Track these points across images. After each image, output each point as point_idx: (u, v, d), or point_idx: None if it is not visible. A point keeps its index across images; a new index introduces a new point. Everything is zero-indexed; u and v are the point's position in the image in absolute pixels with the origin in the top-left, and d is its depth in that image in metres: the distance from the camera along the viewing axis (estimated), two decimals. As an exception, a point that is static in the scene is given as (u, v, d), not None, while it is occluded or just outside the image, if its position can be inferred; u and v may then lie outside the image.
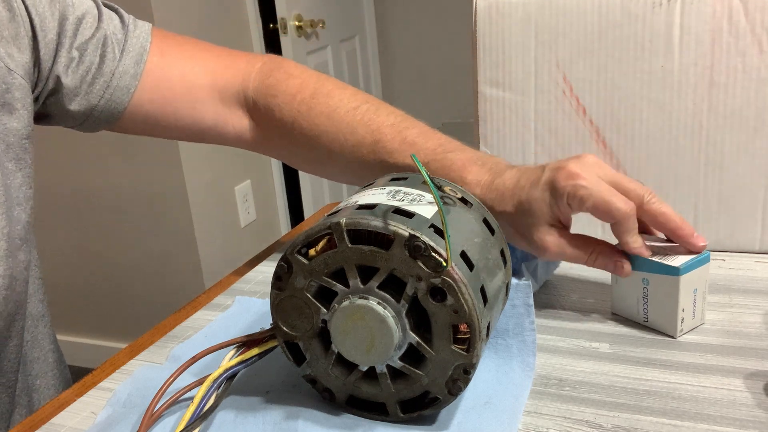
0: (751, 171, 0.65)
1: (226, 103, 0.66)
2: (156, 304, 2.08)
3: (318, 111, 0.63)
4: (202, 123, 0.66)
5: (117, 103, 0.62)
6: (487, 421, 0.44)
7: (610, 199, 0.50)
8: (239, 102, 0.67)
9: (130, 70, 0.62)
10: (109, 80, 0.61)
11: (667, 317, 0.53)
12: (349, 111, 0.63)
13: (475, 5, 0.70)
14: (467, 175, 0.57)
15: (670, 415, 0.44)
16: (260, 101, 0.66)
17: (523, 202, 0.53)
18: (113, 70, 0.61)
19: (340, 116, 0.63)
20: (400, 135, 0.61)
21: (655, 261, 0.53)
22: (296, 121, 0.64)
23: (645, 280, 0.54)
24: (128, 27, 0.63)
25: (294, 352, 0.47)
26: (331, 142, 0.63)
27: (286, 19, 2.13)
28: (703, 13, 0.63)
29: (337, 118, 0.63)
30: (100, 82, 0.61)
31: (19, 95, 0.56)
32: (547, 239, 0.53)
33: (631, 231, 0.52)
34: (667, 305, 0.53)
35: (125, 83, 0.62)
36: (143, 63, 0.63)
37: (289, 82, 0.65)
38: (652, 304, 0.54)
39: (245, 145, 0.69)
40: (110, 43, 0.61)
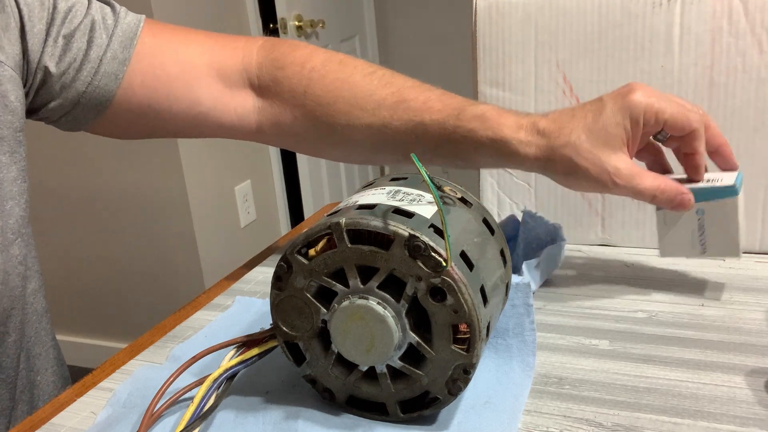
0: (751, 171, 0.65)
1: (227, 83, 0.63)
2: (156, 304, 2.08)
3: (332, 77, 0.60)
4: (200, 105, 0.62)
5: (105, 89, 0.59)
6: (487, 421, 0.44)
7: (685, 109, 0.51)
8: (242, 81, 0.63)
9: (119, 56, 0.59)
10: (96, 66, 0.59)
11: (729, 240, 0.54)
12: (365, 75, 0.60)
13: (475, 5, 0.70)
14: (505, 120, 0.54)
15: (670, 412, 0.44)
16: (266, 75, 0.62)
17: (593, 129, 0.51)
18: (101, 56, 0.59)
19: (356, 80, 0.60)
20: (424, 94, 0.58)
21: (709, 187, 0.54)
22: (309, 88, 0.60)
23: (700, 210, 0.54)
24: (119, 15, 0.61)
25: (294, 352, 0.47)
26: (350, 108, 0.59)
27: (286, 19, 2.13)
28: (703, 13, 0.63)
29: (353, 82, 0.60)
30: (87, 68, 0.58)
31: (11, 87, 0.56)
32: (621, 166, 0.52)
33: (703, 140, 0.53)
34: (728, 228, 0.54)
35: (113, 69, 0.59)
36: (133, 47, 0.60)
37: (296, 53, 0.63)
38: (710, 232, 0.55)
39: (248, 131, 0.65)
40: (98, 29, 0.59)
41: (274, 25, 2.15)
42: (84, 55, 0.59)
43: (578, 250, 0.71)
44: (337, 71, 0.61)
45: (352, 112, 0.60)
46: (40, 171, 1.99)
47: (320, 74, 0.61)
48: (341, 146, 0.63)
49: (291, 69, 0.62)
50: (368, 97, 0.59)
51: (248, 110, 0.64)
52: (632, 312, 0.57)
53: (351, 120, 0.60)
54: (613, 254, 0.69)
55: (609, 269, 0.66)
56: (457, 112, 0.56)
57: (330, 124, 0.61)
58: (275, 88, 0.62)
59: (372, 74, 0.60)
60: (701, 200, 0.54)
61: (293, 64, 0.62)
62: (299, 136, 0.64)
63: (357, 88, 0.60)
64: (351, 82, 0.60)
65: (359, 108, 0.59)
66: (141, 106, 0.61)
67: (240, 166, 2.13)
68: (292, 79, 0.62)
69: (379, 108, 0.59)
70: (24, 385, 0.64)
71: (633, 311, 0.57)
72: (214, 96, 0.63)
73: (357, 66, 0.61)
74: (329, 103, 0.60)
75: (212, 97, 0.63)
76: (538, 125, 0.53)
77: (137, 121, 0.63)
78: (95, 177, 1.98)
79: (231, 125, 0.64)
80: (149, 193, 1.95)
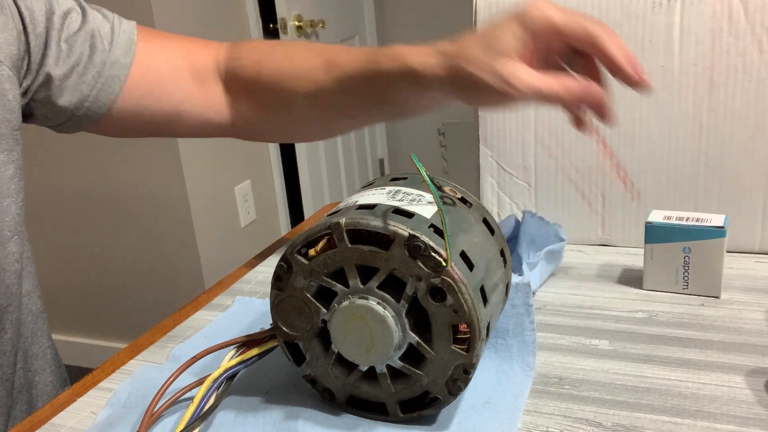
0: (751, 171, 0.65)
1: (203, 81, 0.67)
2: (156, 304, 2.08)
3: (277, 57, 0.65)
4: (185, 104, 0.66)
5: (109, 93, 0.62)
6: (487, 421, 0.44)
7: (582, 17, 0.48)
8: (215, 78, 0.67)
9: (120, 60, 0.63)
10: (100, 70, 0.62)
11: (712, 280, 0.57)
12: (304, 48, 0.64)
13: (475, 5, 0.70)
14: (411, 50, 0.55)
15: (670, 412, 0.44)
16: (229, 70, 0.67)
17: (486, 40, 0.50)
18: (104, 60, 0.62)
19: (296, 54, 0.64)
20: (350, 51, 0.61)
21: (698, 227, 0.56)
22: (259, 73, 0.65)
23: (686, 248, 0.57)
24: (113, 22, 0.64)
25: (294, 352, 0.47)
26: (291, 80, 0.63)
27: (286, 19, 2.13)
28: (703, 13, 0.63)
29: (293, 56, 0.64)
30: (92, 73, 0.61)
31: (9, 86, 0.57)
32: (517, 69, 0.48)
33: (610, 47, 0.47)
34: (712, 268, 0.56)
35: (116, 72, 0.62)
36: (132, 53, 0.63)
37: (251, 44, 0.67)
38: (693, 270, 0.57)
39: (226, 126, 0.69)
40: (98, 35, 0.62)
41: (274, 25, 2.15)
42: (88, 59, 0.61)
43: (578, 250, 0.71)
44: (283, 53, 0.65)
45: (293, 85, 0.63)
46: (40, 171, 1.99)
47: (268, 57, 0.65)
48: (295, 124, 0.67)
49: (245, 59, 0.66)
50: (304, 65, 0.63)
51: (222, 105, 0.68)
52: (632, 312, 0.57)
53: (294, 94, 0.63)
54: (613, 254, 0.69)
55: (609, 269, 0.66)
56: (374, 56, 0.58)
57: (279, 104, 0.65)
58: (235, 80, 0.67)
59: (309, 48, 0.64)
60: (690, 239, 0.57)
61: (246, 53, 0.66)
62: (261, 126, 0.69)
63: (296, 60, 0.64)
64: (292, 56, 0.64)
65: (297, 78, 0.63)
66: (137, 107, 0.64)
67: (240, 166, 2.13)
68: (246, 67, 0.66)
69: (312, 72, 0.62)
70: (22, 385, 0.64)
71: (633, 311, 0.57)
72: (194, 94, 0.67)
73: (298, 43, 0.66)
74: (274, 82, 0.64)
75: (193, 96, 0.67)
76: (441, 47, 0.53)
77: (131, 121, 0.65)
78: (95, 177, 1.98)
79: (211, 121, 0.68)
80: (149, 193, 1.95)
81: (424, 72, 0.54)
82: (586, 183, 0.70)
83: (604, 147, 0.69)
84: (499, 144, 0.72)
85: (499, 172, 0.73)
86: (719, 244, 0.56)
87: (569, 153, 0.70)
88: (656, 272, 0.59)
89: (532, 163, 0.72)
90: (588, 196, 0.71)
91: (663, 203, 0.68)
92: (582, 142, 0.69)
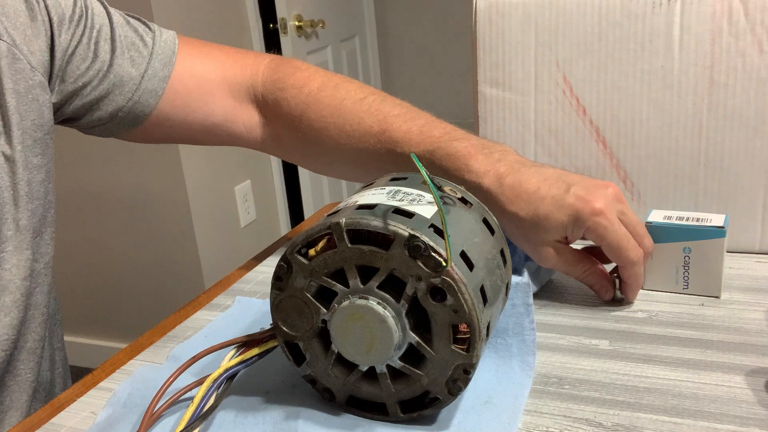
0: (751, 171, 0.65)
1: (236, 97, 0.66)
2: (156, 304, 2.08)
3: (325, 103, 0.64)
4: (213, 117, 0.66)
5: (144, 105, 0.63)
6: (487, 421, 0.44)
7: (625, 246, 0.53)
8: (249, 97, 0.67)
9: (159, 73, 0.63)
10: (138, 83, 0.62)
11: (712, 279, 0.57)
12: (356, 102, 0.63)
13: (475, 5, 0.70)
14: (473, 164, 0.56)
15: (670, 412, 0.44)
16: (269, 95, 0.66)
17: (541, 217, 0.54)
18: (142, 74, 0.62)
19: (347, 107, 0.63)
20: (406, 125, 0.61)
21: (699, 226, 0.56)
22: (304, 113, 0.64)
23: (687, 248, 0.57)
24: (155, 33, 0.64)
25: (294, 352, 0.47)
26: (339, 134, 0.63)
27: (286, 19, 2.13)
28: (703, 13, 0.63)
29: (344, 109, 0.63)
30: (129, 85, 0.62)
31: (41, 92, 0.58)
32: (550, 254, 0.55)
33: (635, 276, 0.55)
34: (712, 268, 0.56)
35: (154, 86, 0.63)
36: (172, 65, 0.64)
37: (296, 75, 0.66)
38: (693, 270, 0.57)
39: (255, 143, 0.69)
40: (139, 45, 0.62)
41: (274, 25, 2.15)
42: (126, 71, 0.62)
43: (578, 250, 0.71)
44: (331, 96, 0.64)
45: (340, 139, 0.63)
46: (40, 171, 1.99)
47: (315, 99, 0.64)
48: (331, 166, 0.68)
49: (290, 91, 0.65)
50: (356, 124, 0.63)
51: (254, 124, 0.67)
52: (632, 312, 0.57)
53: (339, 145, 0.64)
54: (613, 254, 0.69)
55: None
56: (433, 148, 0.59)
57: (320, 147, 0.65)
58: (275, 108, 0.66)
59: (362, 100, 0.63)
60: (690, 239, 0.57)
61: (293, 86, 0.65)
62: (294, 153, 0.69)
63: (347, 115, 0.63)
64: (342, 109, 0.63)
65: (346, 135, 0.63)
66: (169, 119, 0.65)
67: (240, 166, 2.13)
68: (291, 102, 0.65)
69: (365, 136, 0.62)
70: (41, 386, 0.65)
71: (633, 311, 0.57)
72: (225, 109, 0.66)
73: (350, 91, 0.64)
74: (322, 129, 0.64)
75: (224, 110, 0.66)
76: (503, 180, 0.56)
77: (162, 131, 0.66)
78: (95, 177, 1.98)
79: (239, 136, 0.68)
80: (149, 193, 1.95)
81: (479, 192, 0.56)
82: (586, 183, 0.70)
83: (605, 147, 0.69)
84: (499, 144, 0.72)
85: (499, 172, 0.73)
86: (719, 244, 0.56)
87: (569, 153, 0.70)
88: (656, 272, 0.59)
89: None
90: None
91: (663, 203, 0.68)
92: (582, 142, 0.69)
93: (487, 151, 0.57)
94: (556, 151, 0.71)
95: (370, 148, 0.62)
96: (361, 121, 0.62)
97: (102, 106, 0.62)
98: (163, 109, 0.64)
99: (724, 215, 0.57)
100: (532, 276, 0.59)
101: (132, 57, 0.62)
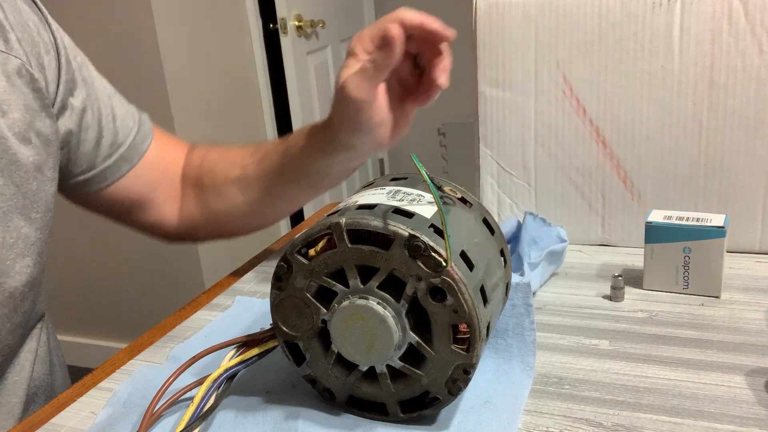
0: (751, 171, 0.65)
1: (175, 181, 0.72)
2: (156, 304, 2.08)
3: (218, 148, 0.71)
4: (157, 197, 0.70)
5: (118, 171, 0.66)
6: (487, 421, 0.44)
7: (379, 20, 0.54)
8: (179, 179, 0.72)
9: (138, 146, 0.67)
10: (118, 149, 0.66)
11: (712, 279, 0.57)
12: (242, 144, 0.71)
13: (475, 5, 0.70)
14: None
15: (670, 412, 0.44)
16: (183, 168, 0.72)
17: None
18: (123, 142, 0.66)
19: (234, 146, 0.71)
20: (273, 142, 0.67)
21: (699, 226, 0.56)
22: (201, 164, 0.71)
23: (687, 248, 0.57)
24: (143, 115, 0.70)
25: (294, 352, 0.47)
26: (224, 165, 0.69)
27: (286, 19, 2.13)
28: (703, 13, 0.63)
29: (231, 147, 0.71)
30: (116, 155, 0.66)
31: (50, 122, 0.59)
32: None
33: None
34: (712, 267, 0.57)
35: (130, 155, 0.67)
36: (149, 142, 0.69)
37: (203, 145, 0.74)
38: (693, 270, 0.57)
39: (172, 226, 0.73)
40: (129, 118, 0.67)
41: (274, 25, 2.15)
42: (114, 136, 0.66)
43: (578, 250, 0.71)
44: (223, 146, 0.72)
45: (227, 170, 0.69)
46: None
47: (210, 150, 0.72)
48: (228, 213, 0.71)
49: (194, 154, 0.72)
50: (237, 154, 0.69)
51: (176, 203, 0.72)
52: (632, 312, 0.57)
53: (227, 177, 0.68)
54: (613, 254, 0.69)
55: (609, 269, 0.66)
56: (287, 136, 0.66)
57: (215, 189, 0.69)
58: (185, 177, 0.72)
59: (247, 143, 0.71)
60: (690, 239, 0.57)
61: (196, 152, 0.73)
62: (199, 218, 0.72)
63: (231, 151, 0.70)
64: (229, 148, 0.71)
65: (230, 164, 0.69)
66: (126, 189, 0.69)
67: (240, 166, 2.13)
68: (193, 161, 0.72)
69: (242, 158, 0.68)
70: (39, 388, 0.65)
71: (633, 311, 0.57)
72: (166, 192, 0.71)
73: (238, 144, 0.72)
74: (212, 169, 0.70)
75: (164, 192, 0.71)
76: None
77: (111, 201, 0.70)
78: (95, 177, 1.98)
79: (164, 221, 0.72)
80: (149, 193, 1.95)
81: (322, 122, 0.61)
82: (586, 183, 0.70)
83: (605, 147, 0.69)
84: (499, 144, 0.72)
85: (499, 172, 0.73)
86: (719, 244, 0.56)
87: (569, 153, 0.70)
88: (656, 272, 0.59)
89: (532, 163, 0.72)
90: (588, 196, 0.71)
91: (663, 203, 0.68)
92: (582, 142, 0.69)
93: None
94: (556, 151, 0.71)
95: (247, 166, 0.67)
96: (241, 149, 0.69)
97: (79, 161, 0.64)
98: (129, 182, 0.68)
99: (724, 215, 0.57)
100: (533, 275, 0.59)
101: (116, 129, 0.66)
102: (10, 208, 0.55)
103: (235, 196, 0.68)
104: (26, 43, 0.57)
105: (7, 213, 0.55)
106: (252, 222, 0.72)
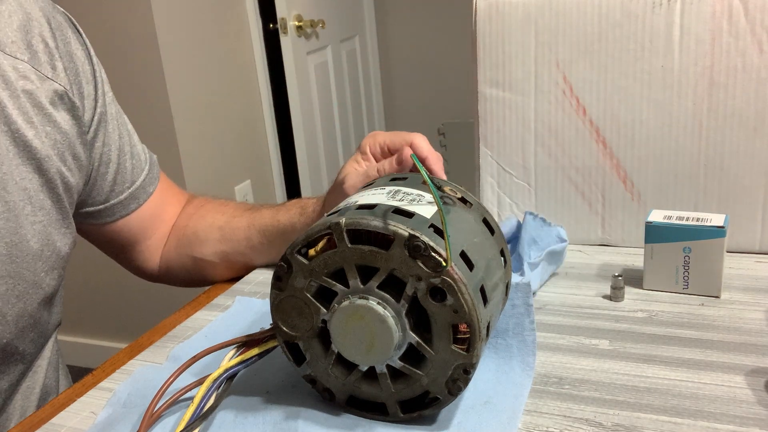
0: (751, 171, 0.65)
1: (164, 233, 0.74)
2: (156, 304, 2.08)
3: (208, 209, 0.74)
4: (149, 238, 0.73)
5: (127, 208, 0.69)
6: (486, 421, 0.44)
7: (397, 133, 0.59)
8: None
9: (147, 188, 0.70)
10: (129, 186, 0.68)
11: (712, 279, 0.57)
12: (237, 205, 0.74)
13: (475, 5, 0.70)
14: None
15: (670, 412, 0.44)
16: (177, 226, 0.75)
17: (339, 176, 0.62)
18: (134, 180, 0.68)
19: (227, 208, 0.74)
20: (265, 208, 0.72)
21: (699, 226, 0.56)
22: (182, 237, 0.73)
23: (687, 248, 0.57)
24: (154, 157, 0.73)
25: (294, 352, 0.47)
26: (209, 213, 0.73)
27: (286, 19, 2.13)
28: (703, 13, 0.63)
29: (224, 208, 0.73)
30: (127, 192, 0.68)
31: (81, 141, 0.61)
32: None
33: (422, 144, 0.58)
34: (712, 267, 0.56)
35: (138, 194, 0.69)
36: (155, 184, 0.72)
37: (196, 201, 0.77)
38: (693, 270, 0.57)
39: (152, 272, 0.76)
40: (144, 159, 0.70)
41: (274, 25, 2.15)
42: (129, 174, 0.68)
43: (578, 250, 0.71)
44: (218, 201, 0.76)
45: (213, 220, 0.72)
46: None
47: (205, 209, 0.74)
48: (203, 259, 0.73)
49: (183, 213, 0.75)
50: (231, 208, 0.73)
51: (164, 252, 0.74)
52: (632, 312, 0.57)
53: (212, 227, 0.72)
54: (613, 254, 0.69)
55: (609, 269, 0.66)
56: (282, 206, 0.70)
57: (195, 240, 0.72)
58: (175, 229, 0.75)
59: (239, 203, 0.74)
60: (690, 239, 0.57)
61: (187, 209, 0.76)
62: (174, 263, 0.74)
63: (225, 206, 0.74)
64: (223, 203, 0.75)
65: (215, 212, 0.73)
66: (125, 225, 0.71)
67: (240, 166, 2.13)
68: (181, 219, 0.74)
69: (235, 210, 0.72)
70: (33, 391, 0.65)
71: (633, 311, 0.57)
72: (157, 239, 0.74)
73: (230, 202, 0.75)
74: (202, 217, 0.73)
75: (156, 239, 0.74)
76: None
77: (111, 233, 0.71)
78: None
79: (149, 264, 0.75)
80: (149, 193, 1.95)
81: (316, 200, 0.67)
82: (586, 183, 0.70)
83: (605, 147, 0.69)
84: (499, 144, 0.72)
85: (499, 172, 0.73)
86: (719, 243, 0.56)
87: (569, 153, 0.70)
88: (656, 272, 0.59)
89: (532, 163, 0.72)
90: (588, 196, 0.71)
91: (663, 203, 0.68)
92: (582, 142, 0.69)
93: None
94: (556, 151, 0.71)
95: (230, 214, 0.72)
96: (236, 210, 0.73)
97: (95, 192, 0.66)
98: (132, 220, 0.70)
99: (724, 215, 0.57)
100: (533, 275, 0.59)
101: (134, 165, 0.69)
102: (50, 222, 0.58)
103: (215, 245, 0.71)
104: (71, 72, 0.60)
105: (47, 226, 0.58)
106: (224, 272, 0.73)
